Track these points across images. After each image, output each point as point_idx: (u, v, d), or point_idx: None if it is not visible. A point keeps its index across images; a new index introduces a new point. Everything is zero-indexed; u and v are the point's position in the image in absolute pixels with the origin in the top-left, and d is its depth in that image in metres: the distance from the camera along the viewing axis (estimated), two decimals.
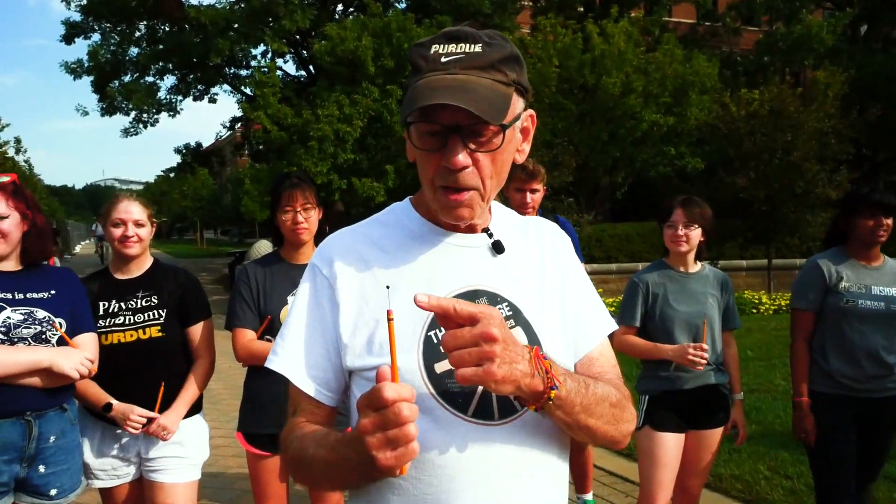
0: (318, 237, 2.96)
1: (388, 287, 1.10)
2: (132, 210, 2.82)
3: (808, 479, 3.70)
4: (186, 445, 2.84)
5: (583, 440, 1.21)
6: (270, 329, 2.82)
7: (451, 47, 1.15)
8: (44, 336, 2.38)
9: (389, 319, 0.99)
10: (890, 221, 3.06)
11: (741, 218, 13.54)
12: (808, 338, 3.17)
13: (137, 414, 2.67)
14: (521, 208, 3.76)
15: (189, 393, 2.85)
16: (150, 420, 2.72)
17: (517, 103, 1.19)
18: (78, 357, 2.40)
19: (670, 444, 3.11)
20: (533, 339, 1.22)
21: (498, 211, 1.36)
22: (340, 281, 1.23)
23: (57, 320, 2.43)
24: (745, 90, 14.98)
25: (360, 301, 1.22)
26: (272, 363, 1.26)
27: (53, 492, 2.45)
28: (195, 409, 2.92)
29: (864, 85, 19.40)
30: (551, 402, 1.08)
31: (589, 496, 4.09)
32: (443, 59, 1.14)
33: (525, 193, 3.77)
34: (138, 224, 2.83)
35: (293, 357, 1.24)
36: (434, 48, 1.16)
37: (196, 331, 2.88)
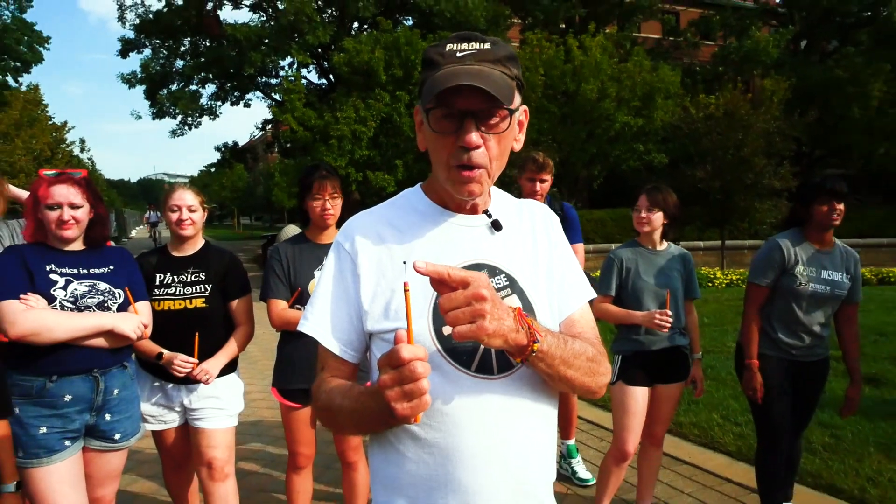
0: (338, 221, 2.94)
1: (404, 262, 1.08)
2: (186, 197, 2.81)
3: (753, 426, 3.72)
4: (222, 398, 2.84)
5: (564, 390, 1.20)
6: (300, 299, 2.79)
7: (464, 45, 1.14)
8: (105, 305, 2.37)
9: (406, 290, 0.97)
10: (842, 206, 2.99)
11: (700, 205, 13.48)
12: (760, 309, 3.13)
13: (181, 359, 2.68)
14: (531, 195, 3.70)
15: (230, 348, 2.83)
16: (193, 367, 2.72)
17: (517, 96, 1.18)
18: (135, 321, 2.40)
19: (639, 397, 3.11)
20: (527, 305, 1.20)
21: (496, 194, 1.34)
22: (361, 256, 1.22)
23: (117, 291, 2.42)
24: (703, 96, 14.89)
25: (377, 273, 1.20)
26: (303, 327, 1.25)
27: (118, 436, 2.46)
28: (230, 368, 2.90)
29: (804, 91, 19.31)
30: (534, 354, 1.06)
31: (571, 441, 4.10)
32: (458, 54, 1.13)
33: (535, 183, 3.71)
34: (191, 209, 2.81)
35: (321, 322, 1.23)
36: (449, 47, 1.15)
37: (237, 304, 2.86)
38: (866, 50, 21.38)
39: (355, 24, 19.73)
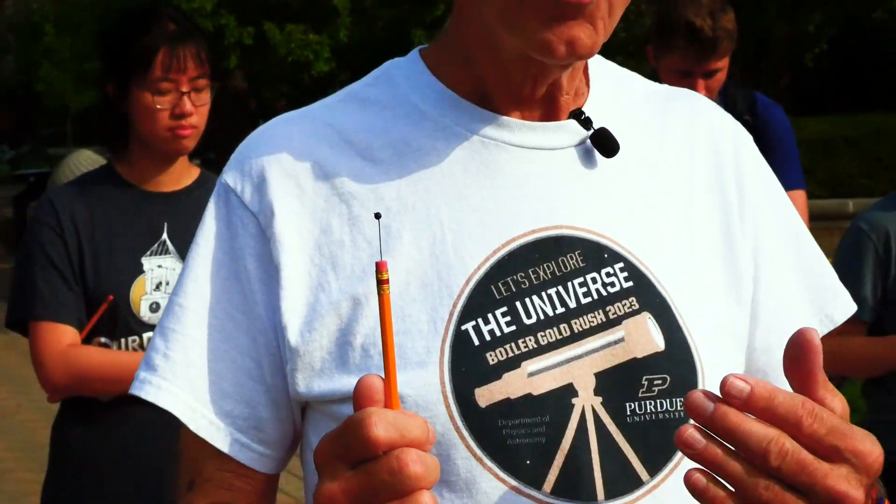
0: (205, 142, 2.94)
1: (377, 216, 0.93)
2: None
3: None
4: None
5: None
6: (109, 325, 2.76)
7: None
8: None
9: (381, 281, 0.84)
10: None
11: None
12: None
13: None
14: None
15: None
16: None
17: None
18: None
19: None
20: (675, 335, 1.08)
21: (600, 74, 1.21)
22: (282, 219, 1.10)
23: None
24: None
25: (321, 261, 1.10)
26: (146, 388, 1.13)
27: None
28: None
29: None
30: None
31: None
32: None
33: (695, 80, 3.39)
34: None
35: (186, 376, 1.12)
36: None
37: None
38: None
39: None
